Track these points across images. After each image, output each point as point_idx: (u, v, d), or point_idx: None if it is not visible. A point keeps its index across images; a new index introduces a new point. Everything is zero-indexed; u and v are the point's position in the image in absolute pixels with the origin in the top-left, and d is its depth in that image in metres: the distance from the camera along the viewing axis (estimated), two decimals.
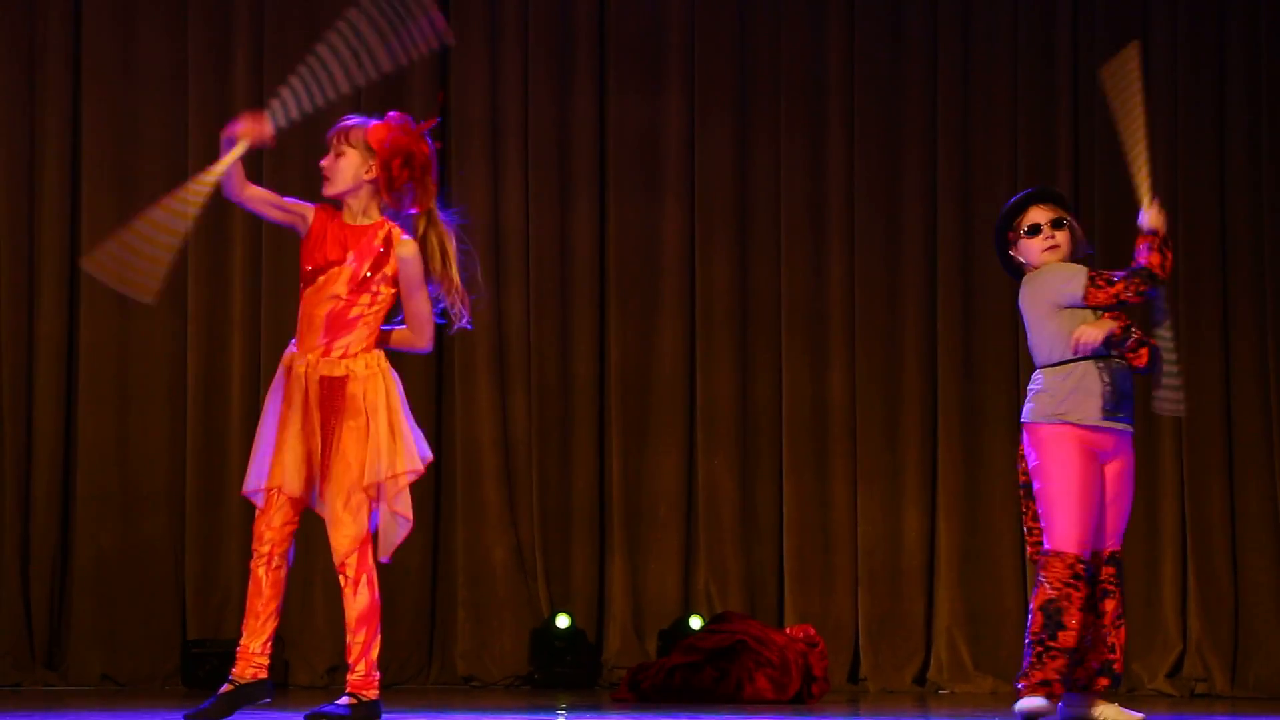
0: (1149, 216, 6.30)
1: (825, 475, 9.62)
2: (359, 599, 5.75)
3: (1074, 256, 6.45)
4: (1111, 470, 6.34)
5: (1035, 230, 6.43)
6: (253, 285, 9.31)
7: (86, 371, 9.13)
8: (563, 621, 9.19)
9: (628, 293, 9.64)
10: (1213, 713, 8.38)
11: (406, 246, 5.80)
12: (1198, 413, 9.58)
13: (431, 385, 9.42)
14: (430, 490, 9.39)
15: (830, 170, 9.74)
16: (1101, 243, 9.69)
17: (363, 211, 5.82)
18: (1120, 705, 6.44)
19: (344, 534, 5.73)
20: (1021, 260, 6.48)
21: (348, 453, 5.73)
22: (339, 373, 5.75)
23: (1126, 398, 6.32)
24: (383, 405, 5.77)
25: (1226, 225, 9.67)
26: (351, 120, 5.87)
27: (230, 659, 5.82)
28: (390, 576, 9.24)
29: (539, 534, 9.45)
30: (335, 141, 5.84)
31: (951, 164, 9.72)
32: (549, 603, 9.39)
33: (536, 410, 9.50)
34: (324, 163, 5.84)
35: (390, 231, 5.81)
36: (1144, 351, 6.39)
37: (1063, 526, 6.23)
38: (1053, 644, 6.19)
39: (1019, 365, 9.53)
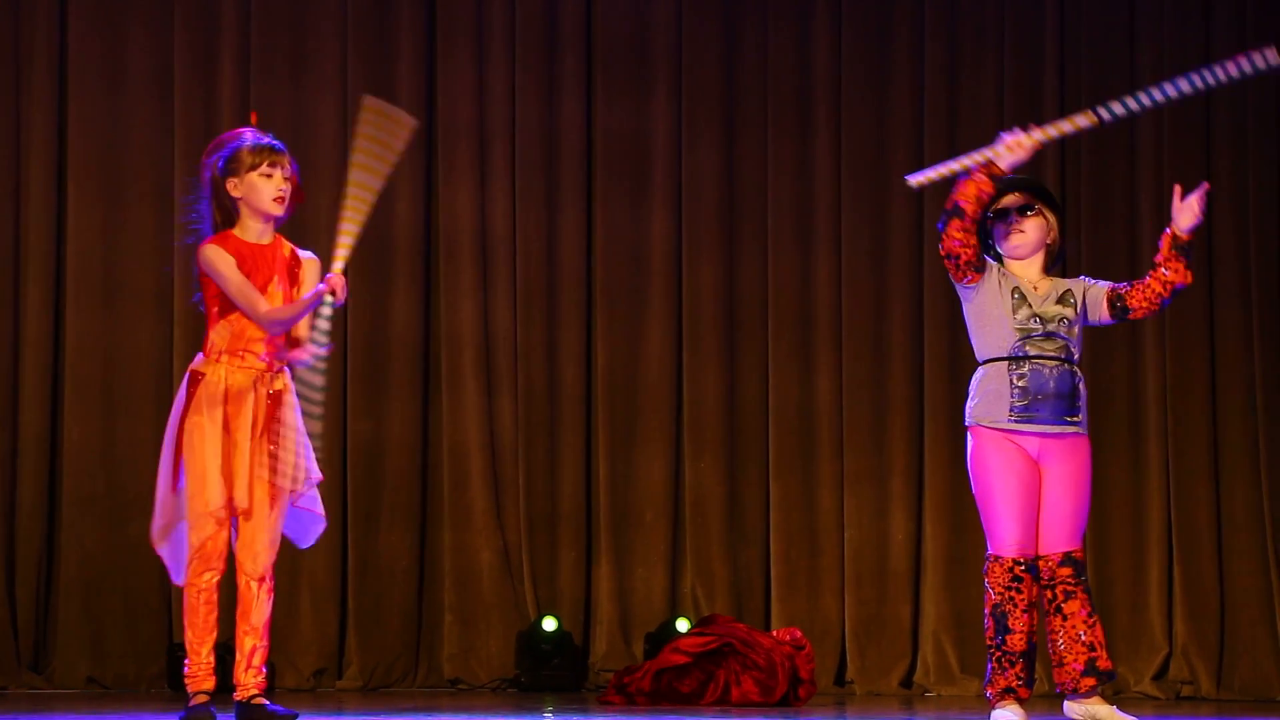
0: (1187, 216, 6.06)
1: (812, 478, 9.63)
2: (270, 604, 5.99)
3: (1052, 253, 6.20)
4: (1050, 475, 6.13)
5: (1002, 215, 6.14)
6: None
7: (72, 375, 9.11)
8: (549, 624, 9.18)
9: (615, 297, 9.64)
10: (1198, 715, 8.40)
11: (310, 258, 6.03)
12: (1184, 417, 9.61)
13: (418, 389, 9.42)
14: (417, 493, 9.40)
15: (817, 174, 9.75)
16: (1087, 245, 9.73)
17: (265, 231, 5.96)
18: (1115, 707, 6.43)
19: (271, 541, 5.93)
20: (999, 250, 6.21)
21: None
22: (279, 386, 5.92)
23: (1050, 399, 6.07)
24: None
25: (1212, 230, 9.68)
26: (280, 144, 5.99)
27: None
28: (377, 580, 9.31)
29: (526, 537, 9.45)
30: (287, 164, 5.94)
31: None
32: (535, 605, 9.38)
33: (523, 413, 9.50)
34: (289, 183, 5.92)
35: (290, 247, 6.02)
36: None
37: (997, 531, 6.14)
38: (1006, 649, 6.14)
39: None
